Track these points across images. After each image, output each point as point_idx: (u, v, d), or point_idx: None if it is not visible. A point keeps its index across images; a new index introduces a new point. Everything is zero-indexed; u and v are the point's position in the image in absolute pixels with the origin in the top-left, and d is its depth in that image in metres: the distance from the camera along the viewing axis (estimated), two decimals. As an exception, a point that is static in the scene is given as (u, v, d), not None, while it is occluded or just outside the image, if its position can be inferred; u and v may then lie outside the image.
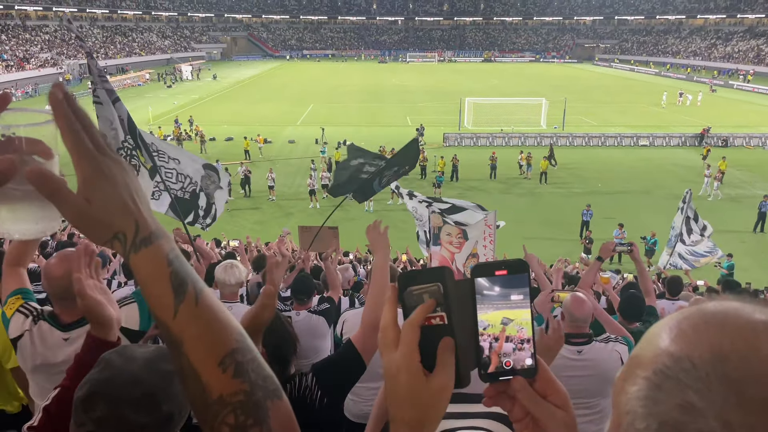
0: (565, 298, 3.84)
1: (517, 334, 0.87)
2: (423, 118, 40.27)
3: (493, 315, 0.87)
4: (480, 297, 0.88)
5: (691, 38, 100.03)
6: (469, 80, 70.02)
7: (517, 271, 0.88)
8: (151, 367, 1.41)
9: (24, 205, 0.88)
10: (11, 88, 55.70)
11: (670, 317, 0.70)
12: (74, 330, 2.58)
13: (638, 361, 0.68)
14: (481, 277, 0.88)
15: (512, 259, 0.90)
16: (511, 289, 0.88)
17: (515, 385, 0.87)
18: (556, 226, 21.91)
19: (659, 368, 0.64)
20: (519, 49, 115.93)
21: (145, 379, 1.38)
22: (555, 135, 35.95)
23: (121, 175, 0.92)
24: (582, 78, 75.40)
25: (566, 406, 0.87)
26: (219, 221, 18.24)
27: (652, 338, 0.69)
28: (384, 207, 24.22)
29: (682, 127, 39.29)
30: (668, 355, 0.64)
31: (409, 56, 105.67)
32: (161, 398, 1.37)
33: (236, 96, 57.00)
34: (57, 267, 2.55)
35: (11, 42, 68.28)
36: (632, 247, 5.31)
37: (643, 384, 0.65)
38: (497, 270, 0.88)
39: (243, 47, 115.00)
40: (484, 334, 0.87)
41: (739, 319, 0.64)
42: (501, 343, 0.87)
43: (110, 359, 1.43)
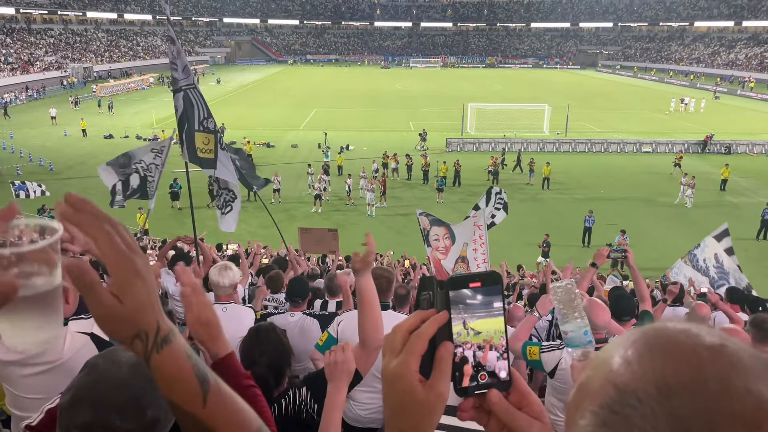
0: (584, 304, 3.83)
1: (492, 344, 0.87)
2: (426, 123, 40.33)
3: (467, 325, 0.87)
4: (455, 308, 0.87)
5: (694, 45, 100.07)
6: (472, 86, 70.11)
7: (490, 283, 0.89)
8: (137, 371, 1.38)
9: (24, 313, 0.86)
10: (16, 91, 55.96)
11: (618, 340, 0.67)
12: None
13: (586, 390, 0.65)
14: (456, 289, 0.88)
15: (485, 272, 0.91)
16: (486, 299, 0.88)
17: (491, 398, 0.86)
18: (558, 232, 21.87)
19: (606, 402, 0.61)
20: (522, 54, 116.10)
21: (131, 384, 1.36)
22: (558, 141, 35.97)
23: (149, 274, 0.92)
24: (585, 84, 75.46)
25: (542, 417, 0.87)
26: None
27: (599, 364, 0.66)
28: (385, 212, 24.25)
29: (685, 134, 39.27)
30: (614, 387, 0.61)
31: (413, 62, 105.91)
32: (146, 403, 1.35)
33: (240, 100, 57.15)
34: None
35: (16, 45, 68.60)
36: (626, 252, 5.30)
37: (590, 418, 0.62)
38: (471, 282, 0.89)
39: (247, 52, 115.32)
40: (458, 345, 0.87)
41: (684, 346, 0.60)
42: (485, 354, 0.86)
43: (95, 363, 1.41)
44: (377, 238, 13.25)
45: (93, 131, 38.65)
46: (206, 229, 17.74)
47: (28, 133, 39.22)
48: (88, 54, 79.24)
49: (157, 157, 9.32)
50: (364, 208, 24.28)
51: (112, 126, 41.04)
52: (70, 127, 40.33)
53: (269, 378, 2.51)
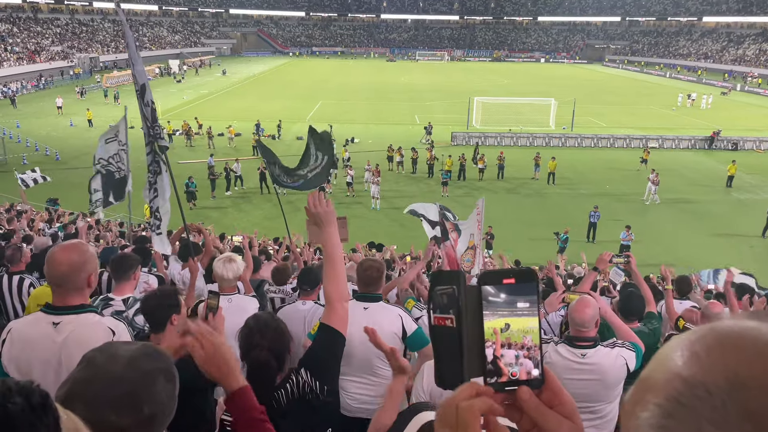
0: (572, 303, 3.81)
1: (525, 343, 0.87)
2: (431, 116, 40.23)
3: (499, 323, 0.86)
4: (487, 304, 0.87)
5: (702, 40, 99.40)
6: (478, 79, 69.88)
7: (524, 280, 0.88)
8: (134, 365, 1.37)
9: None
10: (22, 80, 56.06)
11: (681, 337, 0.67)
12: (62, 315, 2.61)
13: (649, 384, 0.65)
14: (489, 284, 0.87)
15: (520, 268, 0.89)
16: (519, 297, 0.87)
17: (522, 395, 0.85)
18: (563, 227, 21.83)
19: (672, 394, 0.60)
20: (529, 48, 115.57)
21: (127, 379, 1.34)
22: (563, 136, 35.86)
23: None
24: (592, 79, 75.12)
25: (574, 416, 0.86)
26: (227, 215, 18.32)
27: (663, 359, 0.65)
28: (391, 205, 24.24)
29: (692, 130, 39.08)
30: (681, 380, 0.61)
31: (419, 54, 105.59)
32: (143, 398, 1.33)
33: (245, 92, 57.13)
34: (61, 253, 2.61)
35: (23, 34, 68.66)
36: (629, 258, 5.28)
37: (654, 411, 0.62)
38: (505, 278, 0.88)
39: (253, 43, 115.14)
40: (490, 342, 0.86)
41: (757, 342, 0.59)
42: (498, 349, 0.86)
43: (92, 357, 1.39)
44: (382, 231, 13.54)
45: (99, 121, 38.70)
46: (210, 220, 17.79)
47: (34, 122, 39.33)
48: (94, 44, 79.27)
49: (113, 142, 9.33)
50: (368, 201, 24.28)
51: (118, 116, 41.00)
52: (76, 117, 40.41)
53: (271, 360, 2.52)
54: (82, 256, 2.63)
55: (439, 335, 0.89)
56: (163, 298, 3.12)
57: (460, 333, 0.86)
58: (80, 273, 2.61)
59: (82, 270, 2.62)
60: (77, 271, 2.60)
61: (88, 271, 2.64)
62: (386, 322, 3.98)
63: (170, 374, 1.43)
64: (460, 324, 0.87)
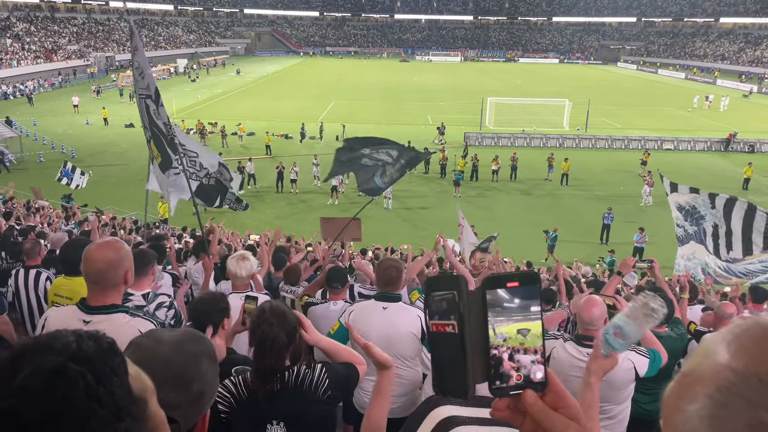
0: (579, 301, 3.80)
1: (529, 346, 0.86)
2: (444, 117, 40.16)
3: (503, 328, 0.86)
4: (491, 309, 0.86)
5: (719, 41, 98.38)
6: (491, 80, 69.68)
7: (528, 283, 0.88)
8: (181, 348, 1.46)
9: None
10: (39, 78, 56.70)
11: (723, 331, 0.67)
12: (97, 315, 2.63)
13: (695, 377, 0.65)
14: (493, 288, 0.87)
15: (523, 271, 0.89)
16: (523, 301, 0.87)
17: (526, 399, 0.85)
18: (576, 229, 21.73)
19: (723, 385, 0.61)
20: (543, 49, 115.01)
21: (175, 360, 1.42)
22: (577, 137, 35.65)
23: None
24: (606, 80, 74.62)
25: (578, 419, 0.86)
26: (240, 214, 18.39)
27: (706, 353, 0.66)
28: (403, 205, 24.24)
29: (708, 132, 38.69)
30: (732, 371, 0.61)
31: (432, 55, 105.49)
32: (191, 377, 1.42)
33: (259, 91, 57.37)
34: (98, 250, 2.64)
35: (40, 33, 69.44)
36: (653, 263, 5.22)
37: (705, 402, 0.62)
38: (509, 282, 0.87)
39: (267, 43, 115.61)
40: (493, 347, 0.86)
41: None
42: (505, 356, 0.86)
43: (139, 342, 1.48)
44: (394, 231, 13.51)
45: (114, 120, 39.08)
46: (222, 219, 17.88)
47: (51, 120, 39.78)
48: (110, 43, 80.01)
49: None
50: (380, 200, 24.29)
51: (133, 115, 41.40)
52: (92, 115, 40.82)
53: (281, 335, 2.58)
54: (119, 253, 2.66)
55: (439, 342, 0.88)
56: (213, 304, 3.17)
57: (463, 339, 0.86)
58: (117, 270, 2.65)
59: (119, 267, 2.65)
60: (114, 268, 2.63)
61: (124, 267, 2.67)
62: (405, 322, 3.97)
63: (212, 356, 1.53)
64: (462, 330, 0.86)
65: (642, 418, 4.23)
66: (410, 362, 4.06)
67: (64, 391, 0.74)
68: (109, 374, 0.81)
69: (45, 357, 0.77)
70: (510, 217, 22.70)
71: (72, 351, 0.79)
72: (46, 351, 0.78)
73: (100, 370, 0.80)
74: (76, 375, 0.76)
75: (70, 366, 0.77)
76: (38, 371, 0.75)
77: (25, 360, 0.76)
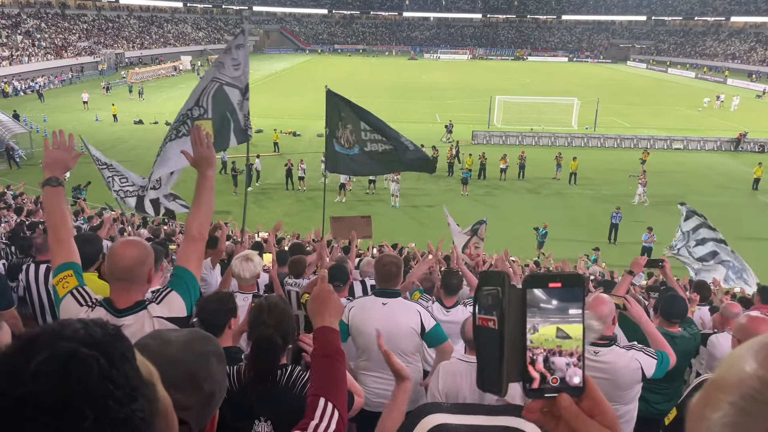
0: (589, 300, 3.78)
1: (567, 349, 0.84)
2: (452, 115, 40.10)
3: (542, 328, 0.84)
4: (530, 309, 0.85)
5: (729, 41, 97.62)
6: (499, 78, 69.45)
7: (571, 285, 0.86)
8: (189, 348, 1.43)
9: None
10: (49, 75, 57.01)
11: (752, 341, 0.66)
12: (127, 317, 2.58)
13: (720, 385, 0.64)
14: (534, 287, 0.85)
15: (568, 272, 0.87)
16: (564, 303, 0.85)
17: (561, 403, 0.84)
18: (584, 228, 21.65)
19: (747, 393, 0.60)
20: (552, 47, 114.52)
21: (183, 361, 1.40)
22: (586, 136, 35.50)
23: None
24: (616, 79, 74.21)
25: (614, 426, 0.85)
26: (249, 212, 18.44)
27: (734, 361, 0.65)
28: (410, 203, 24.23)
29: (719, 131, 38.44)
30: (758, 380, 0.60)
31: (441, 53, 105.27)
32: (201, 377, 1.39)
33: (267, 88, 57.45)
34: (124, 248, 2.62)
35: (50, 30, 69.81)
36: (664, 263, 5.19)
37: (728, 410, 0.61)
38: (551, 282, 0.85)
39: (275, 40, 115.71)
40: (530, 347, 0.84)
41: None
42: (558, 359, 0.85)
43: (146, 344, 1.44)
44: (401, 229, 13.52)
45: (123, 117, 39.27)
46: (230, 216, 17.94)
47: (60, 117, 39.99)
48: (119, 40, 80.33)
49: None
50: (387, 198, 24.29)
51: (142, 112, 41.64)
52: (101, 112, 41.02)
53: (276, 337, 2.62)
54: (144, 250, 2.64)
55: (482, 336, 0.88)
56: (221, 303, 3.18)
57: (502, 336, 0.85)
58: (143, 267, 2.63)
59: (145, 264, 2.63)
60: (141, 265, 2.62)
61: (149, 264, 2.66)
62: (405, 317, 3.99)
63: (221, 356, 1.51)
64: (502, 326, 0.85)
65: (654, 418, 4.22)
66: (411, 357, 4.07)
67: (79, 374, 0.76)
68: (120, 357, 0.82)
69: (57, 343, 0.78)
70: (517, 215, 22.64)
71: (81, 336, 0.81)
72: (56, 338, 0.79)
73: (110, 353, 0.81)
74: (89, 358, 0.78)
75: (82, 350, 0.78)
76: (52, 356, 0.76)
77: (37, 346, 0.77)
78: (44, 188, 2.83)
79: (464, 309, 5.21)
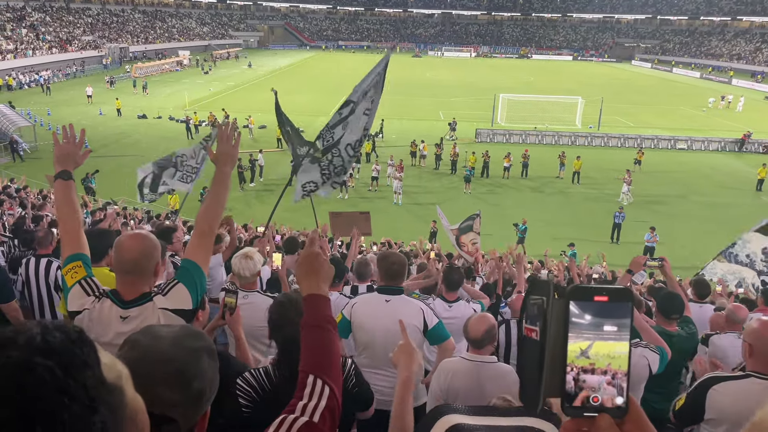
0: None
1: (609, 368, 0.80)
2: (456, 112, 40.03)
3: (585, 344, 0.80)
4: (574, 322, 0.80)
5: (735, 41, 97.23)
6: (503, 76, 69.30)
7: (618, 299, 0.81)
8: (179, 344, 1.40)
9: None
10: (54, 68, 57.06)
11: None
12: (133, 308, 2.57)
13: (763, 427, 0.64)
14: (578, 300, 0.80)
15: (615, 286, 0.82)
16: (609, 319, 0.80)
17: (601, 424, 0.79)
18: (586, 228, 21.61)
19: None
20: (557, 46, 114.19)
21: (175, 357, 1.37)
22: (590, 135, 35.42)
23: None
24: (620, 78, 74.00)
25: None
26: (250, 207, 18.44)
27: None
28: (413, 200, 24.21)
29: (723, 132, 38.31)
30: None
31: (445, 50, 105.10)
32: (191, 375, 1.36)
33: (271, 84, 57.37)
34: (131, 240, 2.62)
35: (55, 24, 69.84)
36: (663, 262, 5.19)
37: None
38: (597, 295, 0.80)
39: (279, 36, 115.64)
40: (572, 363, 0.79)
41: None
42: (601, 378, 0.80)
43: (136, 340, 1.42)
44: (403, 226, 13.52)
45: (127, 111, 39.30)
46: (233, 212, 17.94)
47: (64, 110, 40.04)
48: (124, 34, 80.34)
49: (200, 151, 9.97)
50: (390, 195, 24.27)
51: (146, 106, 41.66)
52: (105, 106, 41.07)
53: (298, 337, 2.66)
54: (151, 243, 2.65)
55: (525, 346, 0.85)
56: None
57: (543, 348, 0.81)
58: (151, 259, 2.63)
59: (152, 257, 2.64)
60: (149, 257, 2.62)
61: (156, 258, 2.66)
62: (407, 315, 3.99)
63: (212, 352, 1.48)
64: (543, 338, 0.82)
65: (652, 417, 4.24)
66: None
67: (32, 388, 0.70)
68: (79, 366, 0.77)
69: (9, 352, 0.72)
70: (520, 214, 22.59)
71: (37, 344, 0.75)
72: (9, 346, 0.73)
73: (68, 362, 0.75)
74: (43, 370, 0.72)
75: (36, 360, 0.72)
76: (3, 368, 0.71)
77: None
78: (56, 181, 2.85)
79: (466, 305, 5.23)
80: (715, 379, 3.16)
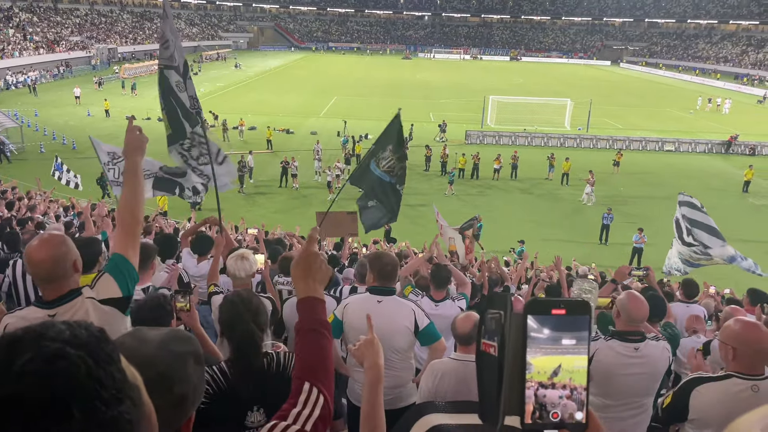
0: (622, 297, 3.79)
1: (568, 383, 0.79)
2: (445, 114, 40.13)
3: (542, 360, 0.78)
4: (531, 337, 0.78)
5: (722, 44, 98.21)
6: (493, 78, 69.56)
7: (576, 312, 0.80)
8: (165, 348, 1.39)
9: None
10: (41, 69, 56.60)
11: (762, 412, 0.65)
12: (59, 306, 2.55)
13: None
14: (535, 314, 0.79)
15: (573, 299, 0.81)
16: (568, 332, 0.79)
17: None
18: (575, 229, 21.72)
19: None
20: (546, 48, 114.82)
21: (159, 360, 1.35)
22: (579, 136, 35.62)
23: None
24: (609, 80, 74.49)
25: None
26: (240, 208, 18.37)
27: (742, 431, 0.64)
28: (403, 202, 24.13)
29: (710, 134, 38.66)
30: None
31: (435, 52, 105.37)
32: (175, 379, 1.35)
33: (261, 86, 57.30)
34: (40, 250, 2.54)
35: (42, 24, 69.27)
36: (648, 271, 5.29)
37: None
38: (554, 308, 0.79)
39: (269, 37, 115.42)
40: (530, 378, 0.78)
41: None
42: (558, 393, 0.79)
43: (122, 342, 1.40)
44: (394, 227, 13.41)
45: (116, 112, 39.01)
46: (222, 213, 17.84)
47: (52, 111, 39.72)
48: (112, 35, 79.83)
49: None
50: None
51: (134, 107, 41.38)
52: (93, 107, 40.77)
53: (256, 332, 2.66)
54: (59, 248, 2.57)
55: (483, 363, 0.83)
56: (154, 311, 3.10)
57: (501, 365, 0.80)
58: (65, 261, 2.57)
59: (65, 259, 2.58)
60: (61, 261, 2.56)
61: (70, 259, 2.60)
62: (399, 315, 4.01)
63: (199, 357, 1.46)
64: (501, 354, 0.80)
65: None
66: (404, 355, 4.11)
67: (66, 374, 0.74)
68: (105, 359, 0.81)
69: (42, 343, 0.76)
70: (509, 215, 22.70)
71: (66, 337, 0.79)
72: (41, 338, 0.77)
73: (96, 354, 0.79)
74: (76, 358, 0.76)
75: (69, 350, 0.77)
76: (38, 356, 0.74)
77: (21, 347, 0.76)
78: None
79: (452, 303, 5.28)
80: (699, 380, 3.20)
